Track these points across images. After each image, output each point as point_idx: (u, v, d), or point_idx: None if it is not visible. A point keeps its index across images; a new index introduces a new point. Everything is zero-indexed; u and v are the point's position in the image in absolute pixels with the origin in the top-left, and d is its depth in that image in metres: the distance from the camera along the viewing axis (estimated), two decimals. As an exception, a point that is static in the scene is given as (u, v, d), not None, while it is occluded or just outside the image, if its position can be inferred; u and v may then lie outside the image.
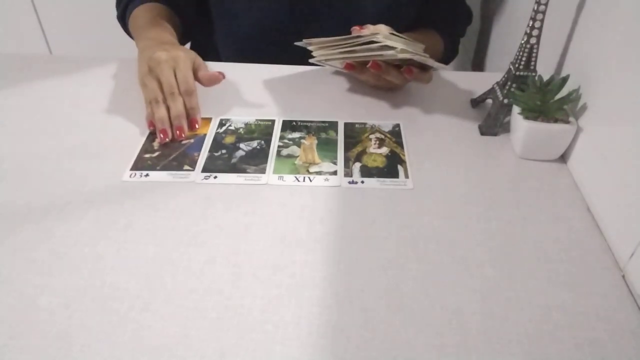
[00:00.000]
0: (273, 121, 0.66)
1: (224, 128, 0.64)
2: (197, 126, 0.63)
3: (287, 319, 0.42)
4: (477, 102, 0.68)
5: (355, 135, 0.63)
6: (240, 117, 0.66)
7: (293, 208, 0.52)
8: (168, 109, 0.61)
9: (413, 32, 0.81)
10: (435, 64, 0.63)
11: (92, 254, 0.47)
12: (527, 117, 0.57)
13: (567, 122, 0.56)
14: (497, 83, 0.64)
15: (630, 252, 0.45)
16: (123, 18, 0.83)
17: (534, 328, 0.41)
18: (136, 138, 0.62)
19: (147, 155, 0.60)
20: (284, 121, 0.65)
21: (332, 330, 0.41)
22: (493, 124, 0.63)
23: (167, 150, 0.60)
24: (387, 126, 0.65)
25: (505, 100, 0.61)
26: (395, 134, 0.63)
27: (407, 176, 0.56)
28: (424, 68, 0.66)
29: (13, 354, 0.39)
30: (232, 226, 0.50)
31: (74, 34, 1.53)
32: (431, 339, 0.40)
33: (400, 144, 0.62)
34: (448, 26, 0.86)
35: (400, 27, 0.69)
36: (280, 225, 0.50)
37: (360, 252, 0.47)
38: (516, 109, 0.58)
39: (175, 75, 0.62)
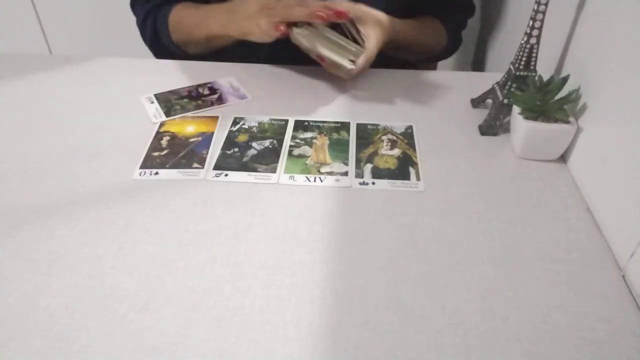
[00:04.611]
0: (286, 121, 0.66)
1: (237, 126, 0.65)
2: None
3: (287, 319, 0.42)
4: (477, 102, 0.69)
5: (367, 136, 0.63)
6: (254, 116, 0.67)
7: (302, 208, 0.52)
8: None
9: (414, 18, 0.80)
10: (346, 66, 0.66)
11: (92, 254, 0.47)
12: (527, 117, 0.57)
13: (567, 122, 0.56)
14: (497, 83, 0.64)
15: (630, 252, 0.45)
16: (157, 35, 0.81)
17: (534, 328, 0.41)
18: (136, 138, 0.62)
19: (155, 154, 0.60)
20: (296, 121, 0.66)
21: (332, 330, 0.41)
22: (493, 124, 0.63)
23: (175, 148, 0.61)
24: (399, 128, 0.65)
25: (505, 100, 0.61)
26: (408, 135, 0.63)
27: (418, 178, 0.56)
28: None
29: (13, 354, 0.39)
30: (235, 226, 0.50)
31: (74, 34, 1.53)
32: (431, 339, 0.40)
33: (412, 145, 0.61)
34: (446, 14, 0.85)
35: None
36: (288, 225, 0.50)
37: (360, 252, 0.47)
38: (516, 109, 0.58)
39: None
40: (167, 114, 0.66)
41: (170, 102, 0.69)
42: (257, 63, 0.79)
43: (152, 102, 0.68)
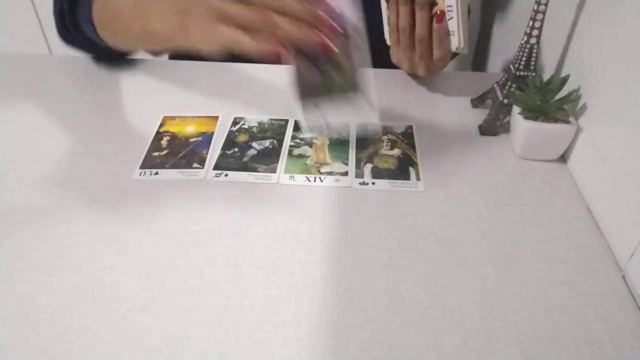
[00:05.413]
0: (286, 121, 0.65)
1: (237, 126, 0.65)
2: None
3: (287, 319, 0.42)
4: (477, 102, 0.68)
5: (367, 136, 0.63)
6: (254, 116, 0.66)
7: (302, 208, 0.52)
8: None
9: None
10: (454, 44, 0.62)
11: (92, 254, 0.47)
12: (527, 117, 0.56)
13: (567, 122, 0.56)
14: (497, 83, 0.64)
15: (630, 252, 0.45)
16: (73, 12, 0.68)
17: (534, 328, 0.41)
18: (137, 137, 0.62)
19: (155, 154, 0.60)
20: (296, 121, 0.65)
21: (332, 330, 0.41)
22: (493, 124, 0.63)
23: (175, 148, 0.61)
24: (399, 128, 0.64)
25: (505, 100, 0.61)
26: (408, 135, 0.63)
27: (418, 178, 0.56)
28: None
29: (13, 354, 0.39)
30: (235, 226, 0.50)
31: (74, 34, 1.53)
32: (431, 339, 0.40)
33: (412, 145, 0.61)
34: None
35: None
36: (288, 225, 0.50)
37: (360, 252, 0.47)
38: (516, 109, 0.58)
39: None
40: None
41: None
42: (257, 63, 0.79)
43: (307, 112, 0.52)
